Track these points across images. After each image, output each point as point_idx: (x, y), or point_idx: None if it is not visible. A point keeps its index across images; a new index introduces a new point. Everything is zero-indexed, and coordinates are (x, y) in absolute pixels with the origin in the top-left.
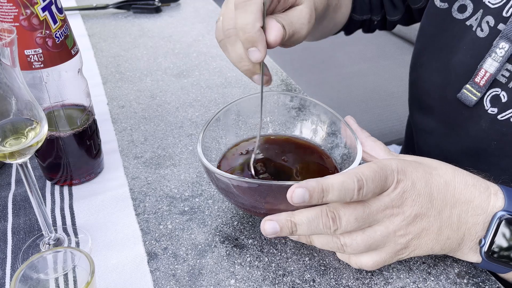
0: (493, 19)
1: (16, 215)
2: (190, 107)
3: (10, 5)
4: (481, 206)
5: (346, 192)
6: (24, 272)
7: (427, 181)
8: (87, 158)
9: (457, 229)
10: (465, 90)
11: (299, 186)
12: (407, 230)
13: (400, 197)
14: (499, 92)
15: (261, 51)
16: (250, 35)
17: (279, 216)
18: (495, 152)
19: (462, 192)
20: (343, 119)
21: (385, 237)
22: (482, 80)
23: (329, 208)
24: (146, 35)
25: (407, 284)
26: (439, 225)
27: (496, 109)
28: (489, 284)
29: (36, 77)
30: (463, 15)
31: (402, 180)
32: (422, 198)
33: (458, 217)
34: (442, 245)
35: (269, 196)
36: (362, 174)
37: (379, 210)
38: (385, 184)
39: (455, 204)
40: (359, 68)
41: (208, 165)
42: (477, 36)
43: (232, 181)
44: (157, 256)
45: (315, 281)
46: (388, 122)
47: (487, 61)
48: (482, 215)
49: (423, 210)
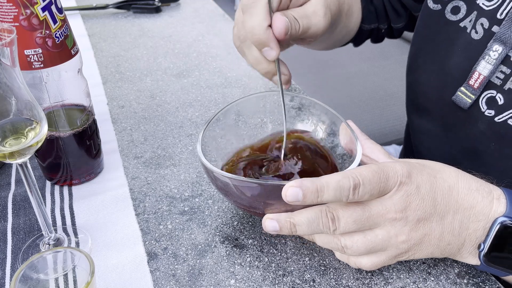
0: (488, 21)
1: (16, 215)
2: (190, 107)
3: (10, 5)
4: (483, 212)
5: (341, 192)
6: (24, 272)
7: (432, 185)
8: (87, 158)
9: (458, 235)
10: (460, 92)
11: (293, 186)
12: (409, 236)
13: (404, 200)
14: (494, 94)
15: (273, 48)
16: (259, 37)
17: (279, 216)
18: (494, 153)
19: (465, 197)
20: (344, 120)
21: (386, 241)
22: (476, 82)
23: (329, 209)
24: (146, 35)
25: (407, 284)
26: (440, 230)
27: (493, 111)
28: (489, 284)
29: (36, 77)
30: (457, 17)
31: (406, 183)
32: (426, 202)
33: (460, 223)
34: (442, 250)
35: (267, 196)
36: (359, 175)
37: (380, 214)
38: (386, 186)
39: (458, 210)
40: (359, 68)
41: (207, 164)
42: (472, 38)
43: (232, 181)
44: (157, 256)
45: (315, 281)
46: (388, 122)
47: (480, 63)
48: (483, 220)
49: (426, 215)
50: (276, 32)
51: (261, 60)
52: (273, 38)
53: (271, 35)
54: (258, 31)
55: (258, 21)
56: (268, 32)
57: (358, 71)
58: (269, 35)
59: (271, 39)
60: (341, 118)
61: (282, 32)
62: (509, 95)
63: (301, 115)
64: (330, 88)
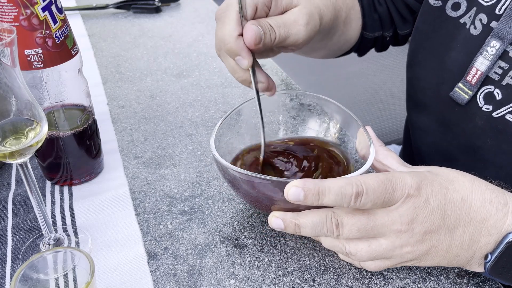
0: (486, 17)
1: (16, 215)
2: (190, 107)
3: (10, 5)
4: (495, 226)
5: (342, 197)
6: (24, 272)
7: (442, 197)
8: (87, 158)
9: (468, 247)
10: (457, 88)
11: (296, 185)
12: (414, 247)
13: (411, 212)
14: (492, 89)
15: (245, 57)
16: (230, 46)
17: (285, 215)
18: (491, 149)
19: (478, 210)
20: (361, 124)
21: (390, 251)
22: (474, 78)
23: (334, 214)
24: (146, 35)
25: (407, 284)
26: (449, 243)
27: (491, 107)
28: (489, 284)
29: (36, 77)
30: (457, 13)
31: (414, 195)
32: (435, 215)
33: (471, 236)
34: (450, 261)
35: (273, 192)
36: (364, 183)
37: (385, 225)
38: (392, 197)
39: (469, 222)
40: (359, 68)
41: (220, 159)
42: (471, 34)
43: (242, 176)
44: (157, 256)
45: (315, 281)
46: (388, 122)
47: (478, 59)
48: (496, 235)
49: (434, 228)
50: (246, 42)
51: (237, 68)
52: (244, 47)
53: (241, 44)
54: (228, 41)
55: (228, 30)
56: (238, 41)
57: (358, 71)
58: (239, 45)
59: (242, 48)
60: (359, 122)
61: (251, 42)
62: (507, 90)
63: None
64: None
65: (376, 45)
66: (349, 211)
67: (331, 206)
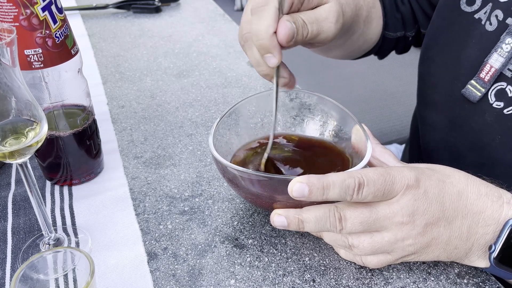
0: (502, 13)
1: (16, 215)
2: (190, 107)
3: (10, 5)
4: (492, 217)
5: (346, 191)
6: (24, 272)
7: (440, 190)
8: (87, 158)
9: (466, 239)
10: (470, 86)
11: (300, 181)
12: (416, 240)
13: (411, 205)
14: (504, 86)
15: (276, 57)
16: (263, 42)
17: (288, 211)
18: (499, 146)
19: (474, 202)
20: (357, 121)
21: (392, 244)
22: (487, 75)
23: (337, 209)
24: (146, 35)
25: (407, 284)
26: (448, 235)
27: (502, 103)
28: (489, 284)
29: (36, 77)
30: (472, 8)
31: (413, 186)
32: (434, 207)
33: (469, 227)
34: (449, 254)
35: (275, 190)
36: (365, 175)
37: (387, 217)
38: (392, 189)
39: (467, 214)
40: (359, 68)
41: (219, 157)
42: (486, 30)
43: (242, 174)
44: (157, 256)
45: (315, 281)
46: (388, 122)
47: (493, 56)
48: (493, 225)
49: (434, 220)
50: (279, 38)
51: (262, 63)
52: (277, 46)
53: (275, 42)
54: (263, 36)
55: (264, 26)
56: (273, 38)
57: (358, 71)
58: (273, 42)
59: (275, 46)
60: (355, 119)
61: (284, 39)
62: None
63: (312, 113)
64: (330, 88)
65: (397, 46)
66: (351, 205)
67: (333, 201)
